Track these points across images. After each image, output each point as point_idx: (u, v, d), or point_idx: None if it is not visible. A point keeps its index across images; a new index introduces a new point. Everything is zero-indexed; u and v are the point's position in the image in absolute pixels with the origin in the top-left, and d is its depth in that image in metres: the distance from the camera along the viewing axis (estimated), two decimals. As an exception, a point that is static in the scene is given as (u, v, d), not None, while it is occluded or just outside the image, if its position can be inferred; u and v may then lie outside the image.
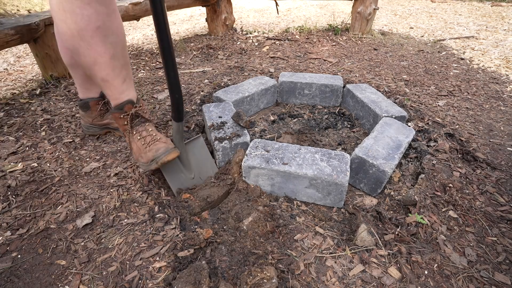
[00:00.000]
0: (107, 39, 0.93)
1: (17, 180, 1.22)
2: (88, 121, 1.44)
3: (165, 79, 0.97)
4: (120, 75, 1.02)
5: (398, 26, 3.79)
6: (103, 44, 0.92)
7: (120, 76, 1.02)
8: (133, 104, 1.09)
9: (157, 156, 1.06)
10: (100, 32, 0.90)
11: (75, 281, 0.86)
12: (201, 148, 1.28)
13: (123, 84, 1.05)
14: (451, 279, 0.87)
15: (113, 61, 0.98)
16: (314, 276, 0.87)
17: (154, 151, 1.07)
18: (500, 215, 1.06)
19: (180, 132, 1.13)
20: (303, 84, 1.80)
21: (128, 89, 1.08)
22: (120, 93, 1.06)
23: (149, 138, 1.11)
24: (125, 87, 1.06)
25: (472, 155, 1.34)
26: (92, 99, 1.39)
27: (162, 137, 1.13)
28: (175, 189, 1.17)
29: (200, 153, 1.27)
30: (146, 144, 1.10)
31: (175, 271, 0.88)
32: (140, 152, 1.11)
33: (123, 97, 1.07)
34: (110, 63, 0.97)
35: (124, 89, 1.06)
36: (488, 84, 2.10)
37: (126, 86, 1.07)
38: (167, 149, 1.07)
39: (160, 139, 1.11)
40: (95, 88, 1.39)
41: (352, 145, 1.48)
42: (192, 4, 2.97)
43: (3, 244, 0.97)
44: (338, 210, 1.11)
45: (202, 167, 1.26)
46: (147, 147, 1.09)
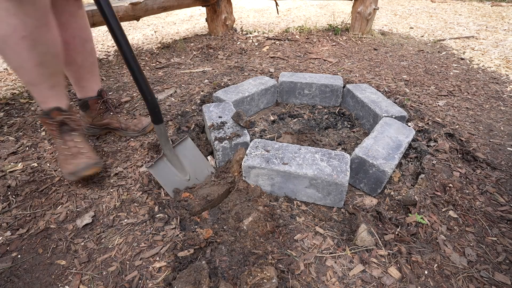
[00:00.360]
0: (34, 48, 0.99)
1: (17, 180, 1.22)
2: (88, 121, 1.46)
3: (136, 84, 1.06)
4: (47, 81, 1.09)
5: (398, 26, 3.79)
6: (28, 52, 0.99)
7: (48, 82, 1.09)
8: (60, 111, 1.14)
9: (76, 171, 1.11)
10: (25, 41, 0.96)
11: (75, 281, 0.86)
12: (191, 149, 1.27)
13: (50, 90, 1.11)
14: (451, 279, 0.87)
15: (39, 68, 1.04)
16: (314, 276, 0.88)
17: (75, 165, 1.12)
18: (500, 215, 1.06)
19: (163, 134, 1.13)
20: (303, 84, 1.80)
21: (57, 95, 1.13)
22: (47, 98, 1.12)
23: (75, 149, 1.16)
24: (53, 93, 1.12)
25: (472, 155, 1.34)
26: (91, 98, 1.41)
27: (89, 151, 1.19)
28: (170, 191, 1.16)
29: (191, 154, 1.26)
30: (70, 155, 1.15)
31: (175, 271, 0.88)
32: (65, 162, 1.15)
33: (50, 102, 1.13)
34: (35, 69, 1.03)
35: (51, 95, 1.12)
36: (488, 84, 2.10)
37: (55, 92, 1.13)
38: (87, 165, 1.12)
39: (85, 153, 1.16)
40: (91, 86, 1.41)
41: (352, 145, 1.48)
42: (192, 4, 2.97)
43: (3, 244, 0.97)
44: (338, 210, 1.11)
45: (196, 167, 1.25)
46: (70, 159, 1.14)
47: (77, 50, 1.30)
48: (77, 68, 1.34)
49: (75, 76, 1.36)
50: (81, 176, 1.11)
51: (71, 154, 1.15)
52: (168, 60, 2.60)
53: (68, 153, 1.15)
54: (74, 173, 1.11)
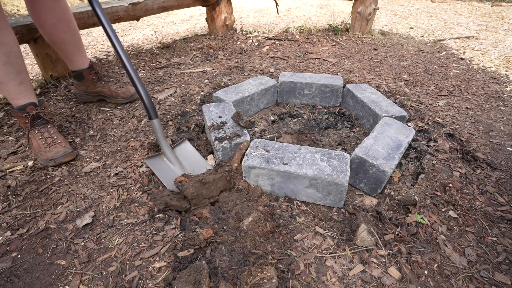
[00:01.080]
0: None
1: (17, 180, 1.22)
2: (82, 89, 1.71)
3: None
4: (15, 78, 1.20)
5: (398, 26, 3.79)
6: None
7: (16, 79, 1.21)
8: (35, 106, 1.28)
9: (55, 158, 1.25)
10: None
11: (75, 281, 0.86)
12: (190, 150, 1.30)
13: (20, 86, 1.22)
14: (451, 279, 0.87)
15: (6, 66, 1.16)
16: (314, 276, 0.87)
17: (54, 152, 1.25)
18: (500, 215, 1.06)
19: (158, 129, 1.19)
20: (303, 84, 1.80)
21: (26, 91, 1.25)
22: (18, 93, 1.23)
23: (50, 139, 1.28)
24: (22, 89, 1.23)
25: (472, 155, 1.34)
26: (84, 70, 1.64)
27: (63, 141, 1.32)
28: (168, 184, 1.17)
29: (190, 154, 1.29)
30: (46, 144, 1.27)
31: (175, 271, 0.88)
32: (40, 150, 1.27)
33: (22, 99, 1.25)
34: (3, 68, 1.16)
35: (21, 91, 1.23)
36: (488, 84, 2.10)
37: (24, 88, 1.24)
38: (65, 153, 1.27)
39: (60, 143, 1.30)
40: (81, 60, 1.64)
41: (352, 145, 1.48)
42: (192, 4, 2.97)
43: (3, 244, 0.97)
44: (338, 210, 1.11)
45: (194, 167, 1.26)
46: (47, 147, 1.27)
47: (64, 30, 1.48)
48: (66, 45, 1.54)
49: (65, 53, 1.57)
50: (60, 162, 1.26)
51: (48, 144, 1.27)
52: (168, 60, 2.60)
53: (44, 143, 1.28)
54: (53, 159, 1.24)
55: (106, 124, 1.61)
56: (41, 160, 1.27)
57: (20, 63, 1.22)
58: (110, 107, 1.79)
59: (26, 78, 1.25)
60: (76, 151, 1.37)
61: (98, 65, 1.71)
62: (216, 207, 1.09)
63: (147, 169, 1.28)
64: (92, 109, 1.75)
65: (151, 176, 1.24)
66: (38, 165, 1.30)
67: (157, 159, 1.23)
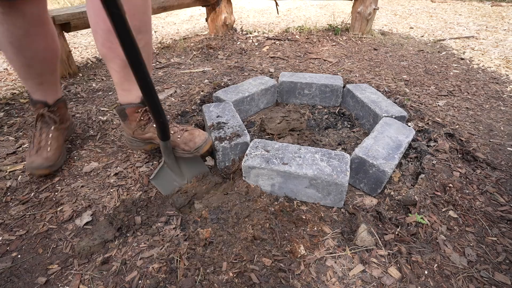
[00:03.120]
0: (19, 53, 1.10)
1: (17, 180, 1.22)
2: (129, 133, 1.23)
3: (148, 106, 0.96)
4: (35, 79, 1.19)
5: (398, 26, 3.79)
6: (15, 55, 1.10)
7: (36, 80, 1.20)
8: (45, 106, 1.24)
9: (29, 167, 1.17)
10: (12, 46, 1.07)
11: (75, 281, 0.86)
12: (194, 159, 1.25)
13: (38, 86, 1.21)
14: (451, 279, 0.87)
15: (26, 68, 1.15)
16: (314, 276, 0.87)
17: (30, 162, 1.18)
18: (500, 215, 1.06)
19: (168, 148, 1.12)
20: (303, 84, 1.80)
21: (44, 91, 1.23)
22: (35, 91, 1.22)
23: (43, 143, 1.22)
24: (40, 88, 1.22)
25: (472, 155, 1.34)
26: (130, 106, 1.15)
27: (53, 150, 1.23)
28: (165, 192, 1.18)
29: (191, 161, 1.25)
30: (35, 146, 1.21)
31: (174, 271, 0.88)
32: (28, 154, 1.23)
33: (37, 96, 1.23)
34: (23, 69, 1.15)
35: (39, 89, 1.22)
36: (488, 84, 2.10)
37: (43, 88, 1.23)
38: (40, 165, 1.17)
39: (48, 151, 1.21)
40: (136, 91, 1.14)
41: (352, 145, 1.48)
42: (192, 4, 2.97)
43: (3, 244, 0.97)
44: (338, 210, 1.11)
45: (195, 173, 1.26)
46: (33, 153, 1.20)
47: None
48: (119, 67, 1.08)
49: (117, 77, 1.11)
50: (31, 173, 1.19)
51: (37, 148, 1.21)
52: (168, 60, 2.60)
53: (36, 145, 1.22)
54: (27, 168, 1.18)
55: (106, 124, 1.61)
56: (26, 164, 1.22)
57: (44, 67, 1.19)
58: (110, 107, 1.79)
59: (48, 79, 1.23)
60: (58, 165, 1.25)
61: None
62: (216, 207, 1.09)
63: (147, 169, 1.28)
64: (92, 109, 1.75)
65: (149, 176, 1.24)
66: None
67: (160, 172, 1.17)
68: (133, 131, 1.21)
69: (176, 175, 1.21)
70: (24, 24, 1.05)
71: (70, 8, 2.11)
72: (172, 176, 1.20)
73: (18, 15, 1.01)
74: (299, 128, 1.56)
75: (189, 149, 1.15)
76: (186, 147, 1.15)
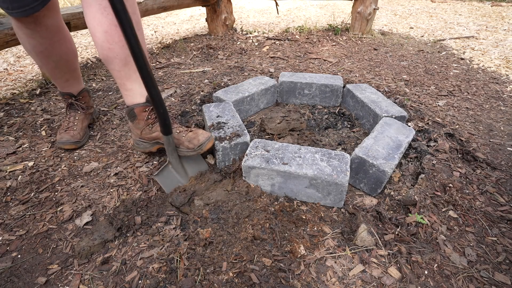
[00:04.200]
0: (49, 58, 1.30)
1: (17, 180, 1.22)
2: (137, 134, 1.25)
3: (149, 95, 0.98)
4: (63, 77, 1.41)
5: (398, 26, 3.79)
6: (46, 60, 1.31)
7: (63, 78, 1.42)
8: (71, 96, 1.48)
9: (59, 141, 1.40)
10: (42, 54, 1.27)
11: (75, 281, 0.86)
12: (195, 157, 1.27)
13: (65, 83, 1.44)
14: (451, 279, 0.87)
15: (55, 69, 1.36)
16: (314, 276, 0.87)
17: (60, 137, 1.41)
18: (500, 215, 1.06)
19: (171, 144, 1.14)
20: (303, 84, 1.80)
21: (70, 85, 1.46)
22: (63, 87, 1.45)
23: (71, 124, 1.45)
24: (67, 84, 1.45)
25: (472, 155, 1.34)
26: (138, 105, 1.18)
27: (79, 129, 1.45)
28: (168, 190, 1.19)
29: (194, 161, 1.26)
30: (66, 127, 1.44)
31: (173, 271, 0.88)
32: (59, 131, 1.45)
33: (64, 89, 1.47)
34: (52, 70, 1.36)
35: (66, 85, 1.45)
36: (488, 84, 2.10)
37: (69, 84, 1.45)
38: (67, 140, 1.39)
39: (75, 130, 1.44)
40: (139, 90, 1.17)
41: (352, 145, 1.48)
42: (192, 4, 2.97)
43: (3, 244, 0.97)
44: (338, 210, 1.11)
45: (195, 169, 1.26)
46: (64, 130, 1.43)
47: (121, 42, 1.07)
48: (120, 66, 1.11)
49: (119, 77, 1.13)
50: (59, 147, 1.41)
51: (66, 127, 1.44)
52: (168, 60, 2.60)
53: (64, 125, 1.45)
54: (58, 143, 1.40)
55: (106, 124, 1.61)
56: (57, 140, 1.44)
57: (69, 66, 1.40)
58: (109, 107, 1.79)
59: (73, 75, 1.45)
60: (82, 142, 1.46)
61: None
62: (216, 207, 1.09)
63: (147, 169, 1.28)
64: (92, 109, 1.75)
65: (150, 175, 1.24)
66: (37, 165, 1.30)
67: (164, 171, 1.18)
68: (141, 131, 1.24)
69: (179, 175, 1.21)
70: (48, 34, 1.23)
71: (70, 8, 2.11)
72: (176, 175, 1.20)
73: (42, 28, 1.19)
74: (299, 128, 1.56)
75: (192, 146, 1.17)
76: (190, 145, 1.17)
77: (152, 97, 0.96)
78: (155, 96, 0.96)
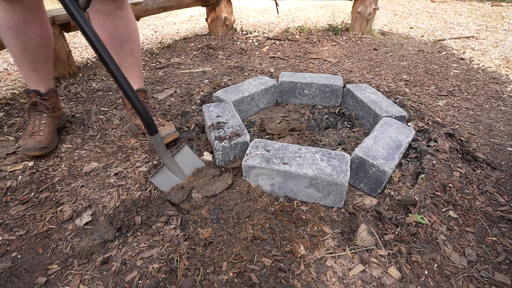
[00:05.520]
0: (18, 38, 1.21)
1: (17, 180, 1.22)
2: (129, 118, 1.51)
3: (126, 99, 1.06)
4: (30, 65, 1.29)
5: (398, 26, 3.79)
6: (14, 40, 1.21)
7: (30, 66, 1.29)
8: (38, 94, 1.35)
9: (24, 148, 1.28)
10: (11, 31, 1.19)
11: (75, 281, 0.86)
12: (190, 156, 1.27)
13: (32, 73, 1.31)
14: (451, 279, 0.87)
15: (23, 53, 1.25)
16: (314, 276, 0.87)
17: (24, 143, 1.29)
18: (500, 215, 1.06)
19: (159, 144, 1.14)
20: (303, 84, 1.80)
21: (37, 78, 1.33)
22: (29, 78, 1.32)
23: (36, 129, 1.33)
24: (34, 76, 1.32)
25: (472, 155, 1.34)
26: None
27: (45, 134, 1.33)
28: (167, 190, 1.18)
29: (190, 161, 1.26)
30: (30, 132, 1.32)
31: (173, 271, 0.88)
32: (23, 137, 1.33)
33: (31, 84, 1.34)
34: (20, 54, 1.25)
35: (32, 77, 1.32)
36: (488, 84, 2.10)
37: (36, 75, 1.32)
38: (33, 147, 1.28)
39: (41, 135, 1.32)
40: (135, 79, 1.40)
41: (352, 145, 1.48)
42: (192, 4, 2.97)
43: (3, 244, 0.97)
44: (338, 210, 1.11)
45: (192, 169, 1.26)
46: (28, 135, 1.31)
47: (115, 50, 1.31)
48: None
49: None
50: (25, 154, 1.30)
51: (30, 133, 1.32)
52: (168, 60, 2.60)
53: (29, 130, 1.33)
54: (22, 149, 1.29)
55: (106, 124, 1.61)
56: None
57: (39, 53, 1.29)
58: (109, 107, 1.79)
59: (41, 66, 1.33)
60: (50, 148, 1.34)
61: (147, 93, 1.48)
62: (216, 207, 1.09)
63: (147, 169, 1.28)
64: (92, 109, 1.75)
65: (148, 174, 1.24)
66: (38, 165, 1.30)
67: (159, 174, 1.19)
68: (129, 116, 1.49)
69: (175, 175, 1.21)
70: (22, 11, 1.17)
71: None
72: (172, 176, 1.20)
73: (17, 2, 1.14)
74: (299, 128, 1.56)
75: None
76: None
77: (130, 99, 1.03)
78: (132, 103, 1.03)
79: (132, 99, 1.03)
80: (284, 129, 1.52)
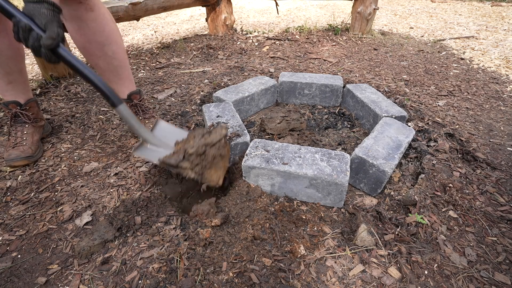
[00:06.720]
0: None
1: (17, 180, 1.22)
2: None
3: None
4: (4, 78, 1.26)
5: (398, 26, 3.79)
6: None
7: (4, 79, 1.26)
8: (17, 105, 1.32)
9: (7, 159, 1.25)
10: None
11: (75, 281, 0.86)
12: (167, 128, 1.18)
13: (7, 85, 1.28)
14: (451, 279, 0.87)
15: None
16: (314, 276, 0.87)
17: (7, 154, 1.26)
18: (500, 215, 1.06)
19: (129, 116, 1.00)
20: (303, 84, 1.80)
21: (13, 90, 1.30)
22: (5, 91, 1.29)
23: (19, 140, 1.30)
24: (10, 88, 1.29)
25: (472, 155, 1.34)
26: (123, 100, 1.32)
27: (29, 144, 1.30)
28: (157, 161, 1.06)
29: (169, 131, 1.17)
30: (13, 143, 1.29)
31: (173, 271, 0.88)
32: (6, 148, 1.31)
33: (8, 96, 1.31)
34: None
35: (8, 89, 1.29)
36: (488, 84, 2.10)
37: (12, 87, 1.29)
38: (17, 157, 1.25)
39: (25, 145, 1.29)
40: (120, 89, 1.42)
41: (352, 145, 1.48)
42: (192, 4, 2.97)
43: (3, 244, 0.97)
44: (338, 210, 1.11)
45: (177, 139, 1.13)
46: (11, 147, 1.28)
47: (96, 54, 1.30)
48: (102, 72, 1.36)
49: (104, 78, 1.35)
50: (9, 165, 1.26)
51: (14, 144, 1.29)
52: (168, 60, 2.60)
53: (11, 141, 1.30)
54: (5, 160, 1.25)
55: (106, 124, 1.61)
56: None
57: (11, 65, 1.25)
58: (109, 107, 1.79)
59: (17, 79, 1.30)
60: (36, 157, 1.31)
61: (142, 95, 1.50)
62: (216, 205, 1.09)
63: (146, 169, 1.28)
64: (92, 109, 1.75)
65: (148, 174, 1.24)
66: (37, 165, 1.30)
67: (142, 148, 1.09)
68: None
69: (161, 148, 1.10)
70: None
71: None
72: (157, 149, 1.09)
73: None
74: (299, 128, 1.56)
75: None
76: None
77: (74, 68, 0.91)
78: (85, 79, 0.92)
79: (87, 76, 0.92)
80: (284, 129, 1.52)
